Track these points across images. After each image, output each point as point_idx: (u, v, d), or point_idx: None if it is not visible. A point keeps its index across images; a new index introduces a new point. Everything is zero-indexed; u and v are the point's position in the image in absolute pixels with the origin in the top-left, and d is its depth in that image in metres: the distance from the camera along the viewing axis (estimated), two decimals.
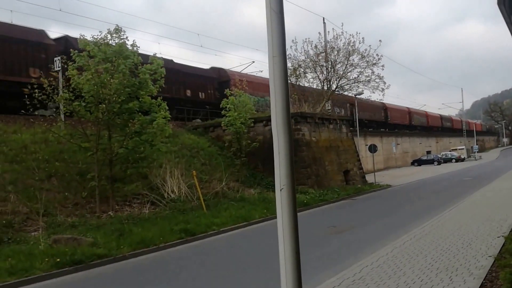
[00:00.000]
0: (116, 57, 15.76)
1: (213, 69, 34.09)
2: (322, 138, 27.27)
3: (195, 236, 13.80)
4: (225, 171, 21.28)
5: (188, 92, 29.38)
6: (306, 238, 12.54)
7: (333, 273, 8.60)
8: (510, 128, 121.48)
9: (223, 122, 24.06)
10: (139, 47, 16.79)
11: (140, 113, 16.79)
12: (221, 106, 23.77)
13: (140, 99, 16.51)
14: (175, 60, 29.30)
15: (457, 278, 7.41)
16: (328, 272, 8.76)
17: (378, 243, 11.29)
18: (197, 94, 30.12)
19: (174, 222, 14.64)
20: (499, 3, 9.47)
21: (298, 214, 11.53)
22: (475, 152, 68.98)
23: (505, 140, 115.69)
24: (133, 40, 16.67)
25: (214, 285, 8.92)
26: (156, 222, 14.76)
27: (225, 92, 24.05)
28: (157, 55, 18.20)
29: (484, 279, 7.17)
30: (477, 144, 76.61)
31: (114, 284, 9.70)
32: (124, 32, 16.34)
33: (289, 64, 30.89)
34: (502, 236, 9.67)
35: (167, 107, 17.27)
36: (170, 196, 17.87)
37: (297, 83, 31.43)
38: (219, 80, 32.37)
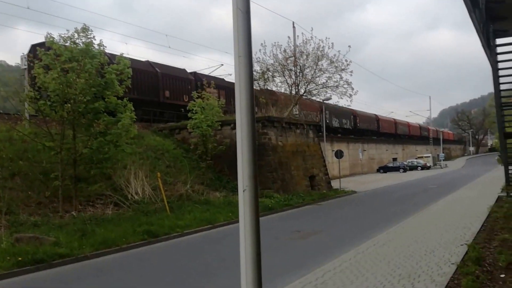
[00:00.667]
0: (82, 56, 15.51)
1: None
2: (289, 142, 27.39)
3: (158, 238, 13.83)
4: (190, 174, 21.13)
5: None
6: (270, 242, 12.59)
7: (296, 277, 8.60)
8: (477, 137, 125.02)
9: (189, 125, 23.86)
10: (106, 46, 16.55)
11: (105, 114, 16.54)
12: (188, 108, 23.57)
13: (106, 99, 16.25)
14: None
15: (420, 285, 7.51)
16: (290, 277, 8.75)
17: (342, 248, 11.39)
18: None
19: (137, 224, 14.63)
20: (470, 12, 9.73)
21: (263, 218, 11.65)
22: (441, 160, 70.40)
23: (472, 149, 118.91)
24: (100, 40, 16.38)
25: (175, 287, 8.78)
26: (119, 223, 14.70)
27: (191, 95, 23.86)
28: (124, 55, 17.92)
29: (446, 286, 7.29)
30: (443, 152, 78.36)
31: (75, 284, 9.54)
32: (92, 31, 16.06)
33: (257, 68, 30.93)
34: (465, 244, 9.89)
35: (133, 108, 17.06)
36: (134, 197, 17.70)
37: (265, 87, 31.47)
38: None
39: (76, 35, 15.73)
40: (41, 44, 18.57)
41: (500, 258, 8.21)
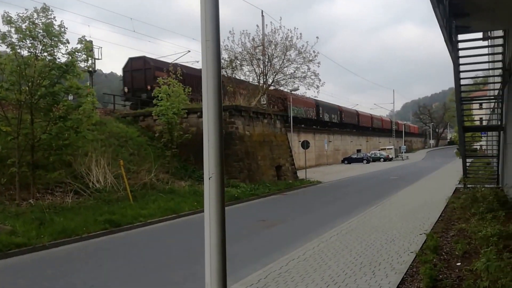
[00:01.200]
0: (42, 37, 14.96)
1: None
2: (256, 132, 27.42)
3: (120, 227, 13.57)
4: (155, 162, 20.83)
5: None
6: (236, 232, 12.62)
7: (260, 266, 8.66)
8: (437, 130, 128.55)
9: (154, 112, 23.50)
10: (67, 28, 15.96)
11: (66, 98, 16.07)
12: (152, 95, 23.21)
13: (66, 83, 15.80)
14: None
15: (380, 273, 7.69)
16: (255, 265, 8.81)
17: (306, 237, 11.53)
18: None
19: (98, 213, 14.33)
20: (434, 7, 9.92)
21: (229, 207, 11.61)
22: (402, 152, 72.20)
23: (432, 142, 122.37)
24: (61, 21, 15.79)
25: (136, 277, 8.68)
26: (79, 212, 14.38)
27: (157, 81, 23.51)
28: (87, 38, 17.42)
29: (405, 274, 7.48)
30: (405, 145, 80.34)
31: (32, 274, 9.24)
32: (52, 11, 15.47)
33: (225, 55, 30.76)
34: (424, 233, 10.15)
35: (95, 93, 16.68)
36: (95, 185, 17.31)
37: (233, 75, 31.34)
38: None
39: (35, 15, 15.15)
40: None
41: (457, 247, 8.47)
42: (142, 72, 30.41)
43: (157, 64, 30.71)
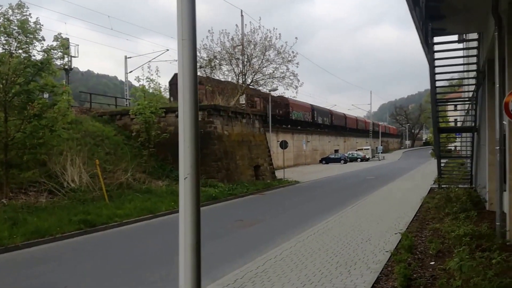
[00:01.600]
0: (17, 34, 14.67)
1: None
2: (235, 132, 27.39)
3: (96, 227, 13.42)
4: (131, 162, 20.64)
5: None
6: (213, 231, 12.59)
7: (237, 266, 8.65)
8: (413, 131, 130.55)
9: (131, 111, 23.23)
10: (43, 25, 15.68)
11: (41, 96, 15.81)
12: (130, 94, 22.97)
13: (41, 81, 15.54)
14: None
15: (355, 272, 7.76)
16: (232, 265, 8.80)
17: (283, 236, 11.57)
18: None
19: (73, 213, 14.15)
20: (411, 9, 10.06)
21: (207, 207, 11.59)
22: (379, 153, 73.13)
23: (408, 142, 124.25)
24: (37, 18, 15.50)
25: (111, 278, 8.58)
26: (54, 212, 14.14)
27: (134, 79, 23.33)
28: (63, 36, 17.15)
29: (380, 273, 7.56)
30: (381, 145, 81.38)
31: (4, 275, 9.02)
32: (28, 8, 15.19)
33: (204, 55, 30.66)
34: (399, 232, 10.28)
35: (70, 91, 16.46)
36: (70, 185, 17.05)
37: (212, 75, 31.25)
38: None
39: (10, 11, 14.85)
40: None
41: (431, 247, 8.62)
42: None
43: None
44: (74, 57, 29.80)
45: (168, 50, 43.53)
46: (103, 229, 13.52)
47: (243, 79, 31.31)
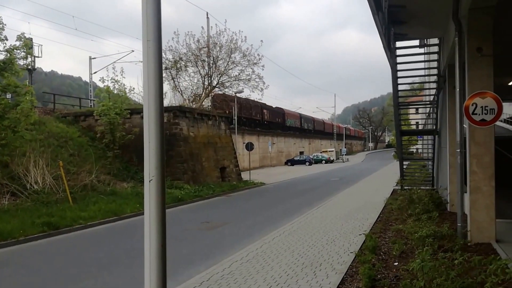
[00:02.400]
0: None
1: None
2: (201, 133, 27.25)
3: (59, 230, 13.19)
4: (96, 163, 20.24)
5: None
6: (178, 233, 12.49)
7: (203, 268, 8.60)
8: (376, 134, 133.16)
9: (95, 112, 22.78)
10: (5, 24, 15.26)
11: (3, 96, 15.35)
12: (95, 95, 22.55)
13: (4, 81, 15.10)
14: None
15: (321, 273, 7.82)
16: (198, 268, 8.74)
17: (249, 238, 11.58)
18: None
19: (36, 215, 13.85)
20: (374, 14, 10.24)
21: (173, 209, 11.45)
22: (343, 155, 74.29)
23: (371, 145, 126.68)
24: None
25: (74, 282, 8.36)
26: (16, 214, 13.86)
27: (99, 80, 22.90)
28: (27, 35, 16.70)
29: (345, 274, 7.63)
30: (345, 147, 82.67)
31: None
32: None
33: (170, 56, 30.43)
34: (363, 233, 10.41)
35: (33, 92, 16.04)
36: (33, 187, 16.62)
37: (178, 77, 31.05)
38: None
39: None
40: None
41: (394, 247, 8.77)
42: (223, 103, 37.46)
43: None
44: (38, 57, 29.20)
45: (133, 51, 42.88)
46: (67, 232, 13.31)
47: (209, 81, 31.22)
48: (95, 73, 39.86)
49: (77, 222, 14.00)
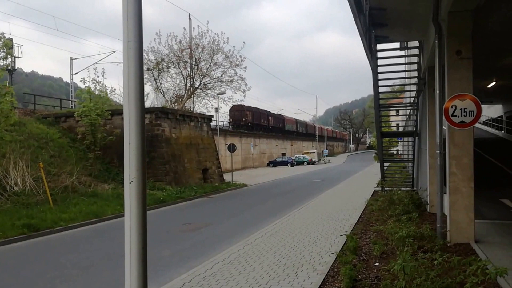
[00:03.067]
0: None
1: None
2: (183, 135, 27.12)
3: (40, 232, 13.07)
4: (77, 165, 20.00)
5: None
6: (160, 235, 12.41)
7: (184, 270, 8.56)
8: (357, 135, 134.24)
9: (76, 113, 22.51)
10: None
11: None
12: (76, 95, 22.29)
13: None
14: None
15: (302, 274, 7.85)
16: (180, 269, 8.70)
17: (232, 240, 11.57)
18: None
19: (16, 217, 13.71)
20: (355, 17, 10.33)
21: (155, 211, 11.38)
22: (325, 156, 74.75)
23: (352, 146, 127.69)
24: None
25: (54, 285, 8.24)
26: None
27: (80, 80, 22.64)
28: (6, 36, 16.47)
29: (326, 275, 7.67)
30: (327, 149, 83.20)
31: None
32: None
33: (152, 57, 30.26)
34: (344, 234, 10.47)
35: (13, 92, 15.79)
36: (13, 188, 16.37)
37: (160, 78, 30.88)
38: None
39: None
40: None
41: (375, 248, 8.84)
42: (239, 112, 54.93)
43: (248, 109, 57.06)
44: (18, 57, 28.81)
45: (114, 52, 42.58)
46: (48, 234, 13.19)
47: (191, 82, 31.12)
48: (76, 74, 39.48)
49: (58, 224, 13.88)
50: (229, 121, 56.25)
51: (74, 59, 38.69)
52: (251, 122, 58.59)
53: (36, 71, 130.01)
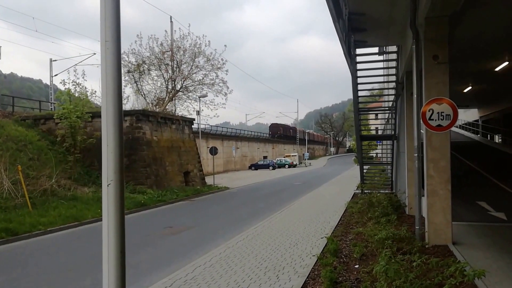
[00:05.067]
0: None
1: None
2: (164, 138, 26.95)
3: (18, 236, 12.87)
4: (56, 168, 19.71)
5: None
6: (141, 239, 12.32)
7: (165, 273, 8.51)
8: (337, 138, 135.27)
9: (56, 115, 22.19)
10: None
11: None
12: (55, 97, 21.98)
13: None
14: None
15: (284, 276, 7.88)
16: (160, 273, 8.64)
17: (213, 243, 11.54)
18: None
19: None
20: (334, 21, 10.44)
21: (135, 214, 11.31)
22: (306, 159, 75.22)
23: (333, 149, 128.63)
24: None
25: None
26: None
27: (60, 82, 22.36)
28: None
29: (307, 277, 7.71)
30: (308, 152, 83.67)
31: None
32: None
33: (133, 59, 30.06)
34: (325, 236, 10.56)
35: None
36: None
37: (141, 80, 30.66)
38: None
39: None
40: None
41: (355, 250, 8.93)
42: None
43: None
44: None
45: (95, 53, 42.07)
46: (26, 238, 13.00)
47: (173, 85, 31.00)
48: (56, 75, 39.00)
49: (37, 228, 13.68)
50: (269, 134, 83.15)
51: (54, 60, 38.30)
52: (282, 134, 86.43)
53: (15, 73, 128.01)
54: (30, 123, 24.91)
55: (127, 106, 28.86)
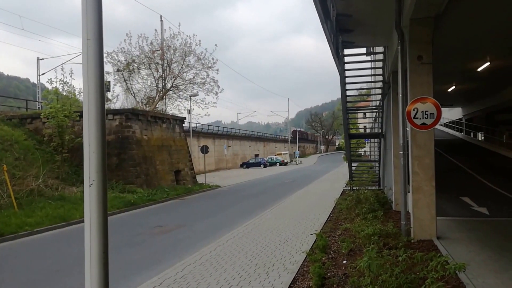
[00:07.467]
0: None
1: None
2: (154, 136, 26.89)
3: (4, 237, 12.79)
4: (43, 167, 19.58)
5: None
6: (130, 238, 12.32)
7: (155, 273, 8.52)
8: (327, 137, 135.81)
9: (43, 114, 22.03)
10: None
11: None
12: (42, 96, 21.82)
13: None
14: None
15: (273, 273, 7.94)
16: (150, 273, 8.65)
17: (204, 241, 11.57)
18: None
19: None
20: (322, 22, 10.54)
21: (125, 214, 11.35)
22: (296, 157, 75.46)
23: (323, 147, 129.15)
24: None
25: None
26: None
27: (47, 81, 22.20)
28: None
29: (296, 273, 7.79)
30: (298, 150, 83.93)
31: None
32: None
33: (122, 58, 29.90)
34: (314, 233, 10.63)
35: None
36: None
37: (130, 79, 30.52)
38: None
39: None
40: None
41: (343, 246, 9.00)
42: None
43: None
44: None
45: None
46: (12, 239, 12.93)
47: (163, 84, 30.90)
48: (43, 74, 38.65)
49: (23, 228, 13.59)
50: (291, 137, 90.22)
51: (41, 59, 37.87)
52: (301, 137, 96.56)
53: (1, 72, 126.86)
54: (17, 122, 24.66)
55: (116, 105, 28.75)
